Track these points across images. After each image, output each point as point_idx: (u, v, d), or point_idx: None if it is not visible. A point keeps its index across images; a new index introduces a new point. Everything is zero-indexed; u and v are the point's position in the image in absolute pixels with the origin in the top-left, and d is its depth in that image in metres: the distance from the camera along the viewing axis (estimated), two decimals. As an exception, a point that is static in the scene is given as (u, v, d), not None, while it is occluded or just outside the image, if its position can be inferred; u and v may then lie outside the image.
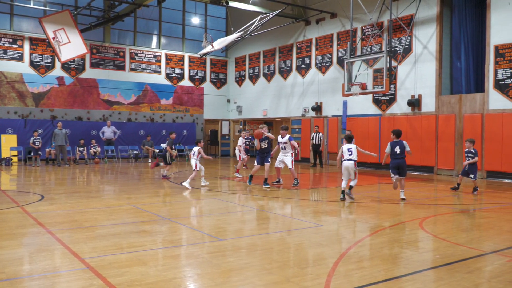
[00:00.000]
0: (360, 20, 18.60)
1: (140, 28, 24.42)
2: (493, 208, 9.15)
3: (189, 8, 25.79)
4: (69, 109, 22.08)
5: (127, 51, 23.76)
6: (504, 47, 14.32)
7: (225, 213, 8.48)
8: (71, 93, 22.15)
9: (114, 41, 23.66)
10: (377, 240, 6.31)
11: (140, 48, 24.23)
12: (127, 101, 23.72)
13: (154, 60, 24.60)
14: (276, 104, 23.67)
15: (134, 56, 23.97)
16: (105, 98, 23.08)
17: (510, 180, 14.02)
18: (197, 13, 26.11)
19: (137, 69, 24.08)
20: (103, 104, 23.03)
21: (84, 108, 22.50)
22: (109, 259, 5.08)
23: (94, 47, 22.68)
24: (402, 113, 17.32)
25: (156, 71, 24.65)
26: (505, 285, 4.34)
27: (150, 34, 24.91)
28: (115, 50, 23.43)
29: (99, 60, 22.98)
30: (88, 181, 13.91)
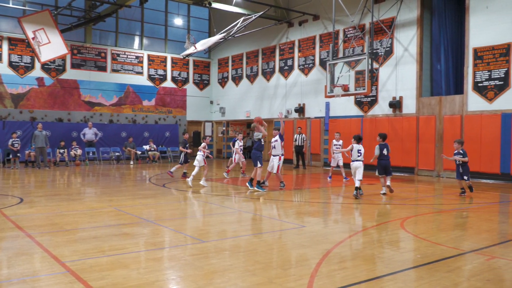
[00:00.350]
0: (342, 22, 18.76)
1: (122, 28, 24.21)
2: (472, 208, 9.32)
3: (172, 9, 25.66)
4: (49, 110, 21.75)
5: (108, 52, 23.52)
6: (483, 50, 14.60)
7: (208, 215, 8.46)
8: (51, 94, 21.83)
9: (95, 41, 23.40)
10: (359, 240, 6.37)
11: (122, 49, 24.01)
12: (109, 103, 23.47)
13: (136, 61, 24.40)
14: (259, 106, 23.70)
15: (116, 57, 23.74)
16: (86, 99, 22.80)
17: (489, 180, 14.29)
18: (180, 14, 25.99)
19: (119, 70, 23.85)
20: (84, 105, 22.75)
21: (65, 110, 22.19)
22: (90, 263, 5.02)
23: (75, 48, 22.40)
24: (384, 114, 17.52)
25: (138, 72, 24.46)
26: (484, 284, 4.43)
27: (132, 35, 24.71)
28: (97, 50, 23.17)
29: (80, 61, 22.69)
30: (68, 183, 13.72)
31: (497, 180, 14.15)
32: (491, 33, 14.37)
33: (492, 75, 14.36)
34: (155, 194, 11.04)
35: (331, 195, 11.56)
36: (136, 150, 22.02)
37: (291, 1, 21.55)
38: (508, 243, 6.21)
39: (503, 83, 14.11)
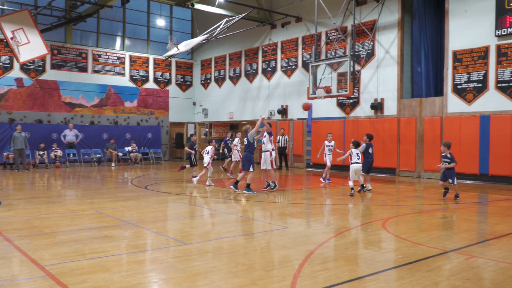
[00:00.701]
0: (324, 24, 18.90)
1: (104, 29, 23.95)
2: (452, 208, 9.47)
3: (154, 10, 25.49)
4: (29, 111, 21.38)
5: (89, 52, 23.24)
6: (462, 53, 14.87)
7: (191, 217, 8.42)
8: (31, 95, 21.47)
9: (76, 42, 23.10)
10: (342, 241, 6.41)
11: (103, 49, 23.75)
12: (90, 104, 23.18)
13: (118, 62, 24.16)
14: (242, 107, 23.71)
15: (97, 57, 23.47)
16: (66, 101, 22.48)
17: (468, 181, 14.54)
18: (162, 15, 25.84)
19: (100, 71, 23.59)
20: (65, 106, 22.43)
21: (45, 111, 21.84)
22: (71, 266, 4.95)
23: (55, 48, 22.08)
24: (366, 116, 17.69)
25: (120, 73, 24.22)
26: (463, 282, 4.50)
27: (114, 36, 24.46)
28: (77, 51, 22.88)
29: (60, 62, 22.37)
30: (48, 186, 13.50)
31: (476, 180, 14.41)
32: (470, 36, 14.65)
33: (471, 77, 14.64)
34: (137, 196, 10.94)
35: (315, 196, 11.61)
36: (118, 151, 21.79)
37: (273, 3, 21.61)
38: (487, 242, 6.33)
39: (481, 86, 14.38)
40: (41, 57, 19.87)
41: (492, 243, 6.24)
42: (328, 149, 14.25)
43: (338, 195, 11.73)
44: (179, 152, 26.22)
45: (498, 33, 13.83)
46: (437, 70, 16.55)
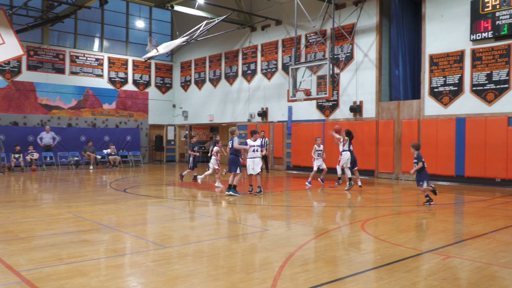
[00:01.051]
0: (304, 27, 19.03)
1: (81, 30, 23.62)
2: (429, 210, 9.62)
3: (133, 11, 25.26)
4: (4, 113, 20.92)
5: (67, 53, 22.88)
6: (438, 57, 15.16)
7: (171, 220, 8.36)
8: (6, 97, 21.00)
9: (53, 43, 22.72)
10: (321, 242, 6.46)
11: (81, 50, 23.41)
12: (67, 106, 22.81)
13: (96, 63, 23.85)
14: (222, 110, 23.67)
15: (75, 59, 23.13)
16: (43, 102, 22.07)
17: (445, 182, 14.81)
18: (142, 17, 25.63)
19: (78, 73, 23.25)
20: (41, 108, 22.02)
21: (20, 113, 21.40)
22: (47, 271, 4.85)
23: (31, 49, 21.67)
24: (345, 118, 17.86)
25: (98, 75, 23.91)
26: (440, 282, 4.58)
27: (92, 37, 24.15)
28: (54, 52, 22.50)
29: (37, 63, 21.97)
30: (24, 189, 13.23)
31: (452, 182, 14.69)
32: (446, 40, 14.95)
33: (447, 81, 14.93)
34: (116, 199, 10.81)
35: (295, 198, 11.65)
36: (96, 154, 21.50)
37: (253, 6, 21.67)
38: (463, 242, 6.45)
39: (457, 89, 14.68)
40: (17, 58, 19.46)
41: (468, 243, 6.37)
42: (317, 153, 14.12)
43: (318, 196, 11.80)
44: (159, 155, 26.01)
45: (473, 38, 14.14)
46: (415, 73, 16.83)
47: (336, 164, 13.42)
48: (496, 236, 6.85)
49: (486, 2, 13.76)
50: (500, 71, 13.70)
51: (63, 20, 20.88)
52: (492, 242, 6.39)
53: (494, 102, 13.85)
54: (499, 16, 13.53)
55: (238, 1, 21.13)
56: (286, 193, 12.69)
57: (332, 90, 15.87)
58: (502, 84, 13.66)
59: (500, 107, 13.72)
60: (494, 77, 13.84)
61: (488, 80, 13.97)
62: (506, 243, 6.36)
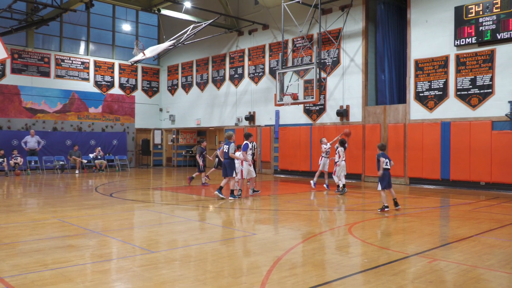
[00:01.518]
0: (291, 32, 19.12)
1: (67, 33, 23.41)
2: (415, 213, 9.71)
3: (120, 15, 25.12)
4: (-13, 117, 20.60)
5: (52, 57, 22.65)
6: (423, 61, 15.34)
7: (158, 225, 8.30)
8: (-11, 100, 20.69)
9: (38, 46, 22.47)
10: (309, 246, 6.47)
11: (66, 54, 23.20)
12: (53, 109, 22.56)
13: (82, 67, 23.65)
14: (210, 113, 23.62)
15: (60, 62, 22.90)
16: (27, 106, 21.79)
17: (430, 185, 14.97)
18: (128, 20, 25.49)
19: (64, 76, 23.02)
20: (26, 112, 21.74)
21: (4, 117, 21.10)
22: (32, 277, 4.78)
23: (15, 52, 21.40)
24: (332, 122, 17.96)
25: (84, 78, 23.71)
26: (427, 285, 4.62)
27: (78, 40, 23.95)
28: (39, 55, 22.26)
29: (21, 66, 21.70)
30: (8, 194, 13.02)
31: (437, 185, 14.84)
32: (431, 45, 15.14)
33: (432, 85, 15.12)
34: (102, 204, 10.70)
35: (283, 202, 11.67)
36: (82, 158, 21.28)
37: (240, 10, 21.71)
38: (449, 245, 6.52)
39: (442, 93, 14.87)
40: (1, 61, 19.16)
41: (454, 246, 6.43)
42: (326, 152, 13.94)
43: (305, 200, 11.83)
44: (146, 159, 25.84)
45: (457, 43, 14.35)
46: (400, 78, 17.02)
47: (332, 174, 13.24)
48: (481, 239, 6.94)
49: (470, 8, 13.99)
50: (483, 76, 13.92)
51: (48, 23, 20.70)
52: (477, 245, 6.47)
53: (478, 107, 14.05)
54: (482, 22, 13.75)
55: (225, 6, 21.16)
56: (274, 197, 12.70)
57: (319, 95, 15.96)
58: (486, 89, 13.87)
59: (484, 111, 13.92)
60: (478, 82, 14.05)
61: (472, 85, 14.18)
62: (490, 246, 6.44)
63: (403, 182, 15.77)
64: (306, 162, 18.48)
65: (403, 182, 15.75)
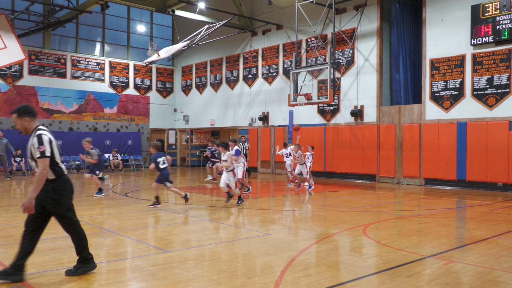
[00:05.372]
0: (305, 32, 19.07)
1: (83, 34, 23.69)
2: (431, 214, 9.61)
3: (135, 16, 25.33)
4: (5, 117, 20.95)
5: (68, 58, 22.94)
6: (439, 61, 15.17)
7: (172, 224, 8.34)
8: (7, 101, 21.04)
9: (54, 47, 22.78)
10: (323, 247, 6.44)
11: (82, 55, 23.48)
12: (69, 110, 22.85)
13: (98, 67, 23.91)
14: (224, 114, 23.68)
15: (76, 63, 23.18)
16: (44, 107, 22.11)
17: (446, 186, 14.79)
18: (143, 21, 25.70)
19: (79, 77, 23.30)
20: (43, 112, 22.06)
21: (22, 117, 21.38)
22: (49, 275, 4.84)
23: (33, 53, 21.72)
24: (346, 123, 17.86)
25: (99, 79, 23.96)
26: (443, 287, 4.56)
27: (93, 41, 24.21)
28: (56, 56, 22.56)
29: (38, 67, 22.02)
30: (26, 193, 13.21)
31: (453, 186, 14.66)
32: (447, 45, 14.97)
33: (448, 85, 14.94)
34: (117, 203, 10.79)
35: (296, 203, 11.64)
36: (97, 158, 21.46)
37: (254, 11, 21.72)
38: (465, 247, 6.43)
39: (458, 93, 14.69)
40: (18, 62, 19.51)
41: (471, 248, 6.34)
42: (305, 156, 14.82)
43: (319, 201, 11.78)
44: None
45: (473, 42, 14.16)
46: (415, 78, 16.85)
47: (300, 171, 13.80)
48: (499, 240, 6.83)
49: (487, 6, 13.79)
50: (501, 76, 13.71)
51: (65, 25, 20.97)
52: (494, 247, 6.37)
53: (495, 107, 13.85)
54: (499, 21, 13.55)
55: (239, 6, 21.19)
56: (288, 198, 12.67)
57: (333, 95, 15.89)
58: (503, 88, 13.66)
59: (501, 111, 13.71)
60: (495, 82, 13.84)
61: (489, 84, 13.98)
62: (508, 248, 6.34)
63: (418, 183, 15.61)
64: (320, 162, 18.41)
65: (418, 183, 15.59)
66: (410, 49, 16.87)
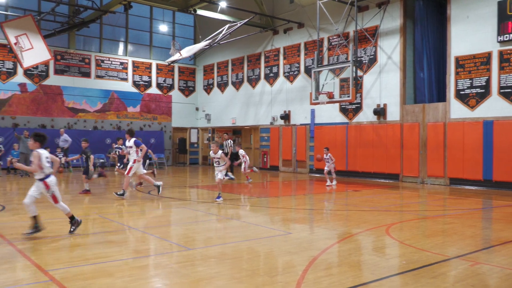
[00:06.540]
0: (326, 30, 18.94)
1: (107, 34, 24.05)
2: (456, 214, 9.43)
3: (157, 16, 25.59)
4: (32, 116, 21.45)
5: (92, 58, 23.33)
6: (464, 59, 14.87)
7: (194, 222, 8.41)
8: (34, 100, 21.54)
9: (79, 47, 23.20)
10: (345, 246, 6.39)
11: (106, 55, 23.84)
12: (93, 109, 23.25)
13: (121, 67, 24.25)
14: (245, 112, 23.73)
15: (100, 63, 23.56)
16: (69, 106, 22.55)
17: (472, 186, 14.49)
18: (165, 21, 25.94)
19: (103, 76, 23.67)
20: (68, 111, 22.50)
21: (48, 116, 21.91)
22: (74, 271, 4.94)
23: (58, 54, 22.16)
24: (368, 121, 17.68)
25: (123, 79, 24.30)
26: (468, 289, 4.48)
27: (117, 41, 24.56)
28: (80, 56, 22.97)
29: (64, 67, 22.46)
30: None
31: (479, 186, 14.35)
32: (472, 42, 14.66)
33: (474, 83, 14.63)
34: (141, 201, 10.93)
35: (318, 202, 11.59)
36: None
37: (276, 9, 21.68)
38: (492, 248, 6.29)
39: (484, 91, 14.37)
40: (45, 62, 19.96)
41: (497, 250, 6.21)
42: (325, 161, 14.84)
43: (341, 200, 11.70)
44: (182, 157, 26.24)
45: (500, 39, 13.83)
46: (440, 75, 16.54)
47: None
48: (526, 242, 6.66)
49: (515, 2, 13.44)
50: (529, 73, 13.34)
51: (89, 25, 21.35)
52: (522, 249, 6.22)
53: (523, 105, 13.49)
54: (528, 17, 13.19)
55: (260, 5, 21.18)
56: (309, 196, 12.62)
57: (355, 93, 15.73)
58: (532, 86, 13.30)
59: (529, 109, 13.36)
60: (523, 79, 13.49)
61: (516, 82, 13.63)
62: (536, 250, 6.17)
63: (442, 182, 15.35)
64: (342, 161, 18.26)
65: (443, 182, 15.32)
66: (434, 47, 16.58)
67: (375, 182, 16.39)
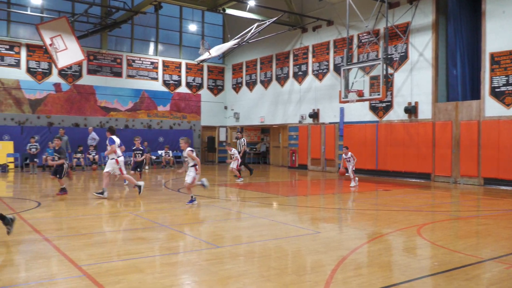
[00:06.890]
0: (356, 27, 18.70)
1: (137, 35, 24.47)
2: (490, 215, 9.17)
3: (186, 15, 25.86)
4: (66, 115, 22.05)
5: (124, 57, 23.78)
6: (500, 55, 14.41)
7: (223, 220, 8.46)
8: (68, 99, 22.13)
9: (111, 47, 23.69)
10: (375, 247, 6.31)
11: (137, 55, 24.26)
12: (124, 108, 23.71)
13: (151, 67, 24.63)
14: (273, 111, 23.71)
15: (131, 62, 23.99)
16: (102, 105, 23.06)
17: (507, 187, 14.04)
18: (194, 20, 26.18)
19: (134, 76, 24.10)
20: (100, 110, 23.02)
21: (81, 115, 22.48)
22: (106, 266, 5.05)
23: (91, 54, 22.69)
24: (399, 120, 17.38)
25: (153, 78, 24.67)
26: (503, 292, 4.34)
27: (147, 41, 24.95)
28: (112, 56, 23.45)
29: (96, 67, 22.99)
30: (85, 187, 13.86)
31: (515, 186, 13.90)
32: (508, 37, 14.18)
33: (510, 80, 14.16)
34: (170, 199, 11.09)
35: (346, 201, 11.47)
36: (151, 154, 22.17)
37: (305, 7, 21.56)
38: (528, 251, 6.08)
39: (521, 88, 13.89)
40: (78, 62, 20.49)
41: (534, 252, 6.00)
42: (346, 160, 14.51)
43: (371, 200, 11.55)
44: (211, 156, 26.44)
45: (539, 34, 13.33)
46: (474, 72, 16.07)
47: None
48: None
49: (554, -4, 12.93)
50: None
51: (121, 26, 21.75)
52: (561, 251, 5.99)
53: (562, 102, 12.98)
54: None
55: (289, 3, 21.10)
56: (338, 196, 12.51)
57: (386, 91, 15.48)
58: None
59: None
60: (562, 76, 12.97)
61: (556, 78, 13.12)
62: None
63: (476, 182, 14.93)
64: (372, 160, 18.03)
65: (477, 182, 14.91)
66: (468, 43, 16.12)
67: (406, 182, 16.10)
